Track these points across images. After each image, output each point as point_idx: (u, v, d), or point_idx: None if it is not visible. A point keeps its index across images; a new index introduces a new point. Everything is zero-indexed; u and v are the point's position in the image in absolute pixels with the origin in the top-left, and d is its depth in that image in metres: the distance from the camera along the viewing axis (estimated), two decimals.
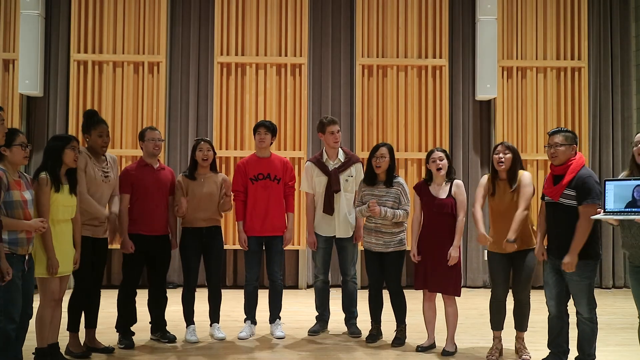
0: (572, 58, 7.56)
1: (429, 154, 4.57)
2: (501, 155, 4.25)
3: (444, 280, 4.41)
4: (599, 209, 3.60)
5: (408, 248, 4.71)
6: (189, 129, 7.53)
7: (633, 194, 3.41)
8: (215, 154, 4.91)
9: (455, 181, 4.54)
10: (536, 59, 7.56)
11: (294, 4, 7.43)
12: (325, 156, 5.05)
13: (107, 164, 4.41)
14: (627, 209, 3.42)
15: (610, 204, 3.50)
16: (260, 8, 7.43)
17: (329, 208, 4.93)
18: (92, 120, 4.39)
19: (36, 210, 3.70)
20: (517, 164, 4.27)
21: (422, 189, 4.59)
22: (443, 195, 4.48)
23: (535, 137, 7.47)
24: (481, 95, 7.44)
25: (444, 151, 4.56)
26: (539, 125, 7.49)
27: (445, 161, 4.49)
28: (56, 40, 7.49)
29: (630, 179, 3.49)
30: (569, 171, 3.83)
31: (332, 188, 4.93)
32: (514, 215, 4.16)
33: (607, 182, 3.54)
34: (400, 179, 4.81)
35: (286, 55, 7.40)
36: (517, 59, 7.55)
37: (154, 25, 7.40)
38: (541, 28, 7.58)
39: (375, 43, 7.49)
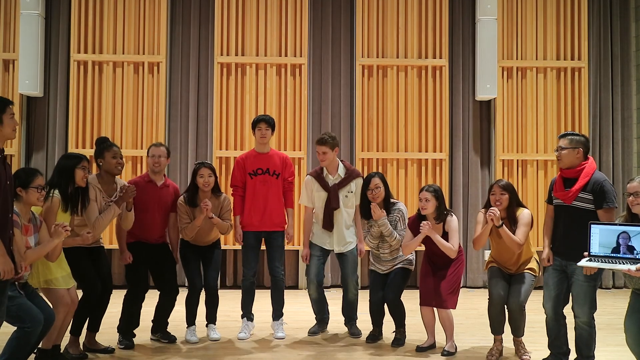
0: (572, 58, 7.56)
1: (421, 190, 4.57)
2: (498, 196, 4.26)
3: (439, 295, 4.42)
4: (585, 253, 3.61)
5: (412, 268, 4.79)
6: (189, 129, 7.53)
7: (618, 240, 3.42)
8: (217, 178, 4.83)
9: (448, 217, 4.52)
10: (536, 59, 7.55)
11: (294, 4, 7.43)
12: (325, 171, 5.01)
13: (116, 195, 4.40)
14: (612, 254, 3.44)
15: (595, 248, 3.52)
16: (260, 8, 7.43)
17: (328, 224, 4.91)
18: (105, 144, 4.42)
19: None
20: (514, 203, 4.29)
21: (414, 225, 4.58)
22: (438, 234, 4.51)
23: (535, 138, 7.47)
24: (481, 95, 7.43)
25: (433, 191, 4.51)
26: (539, 125, 7.49)
27: (431, 203, 4.47)
28: (56, 40, 7.49)
29: (615, 224, 3.52)
30: (582, 175, 3.84)
31: (331, 205, 4.90)
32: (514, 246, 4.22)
33: (592, 226, 3.56)
34: (400, 205, 4.81)
35: (286, 55, 7.40)
36: (517, 59, 7.55)
37: (154, 25, 7.40)
38: (541, 28, 7.57)
39: (375, 43, 7.49)
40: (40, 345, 3.85)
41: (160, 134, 7.24)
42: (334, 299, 5.44)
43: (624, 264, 3.37)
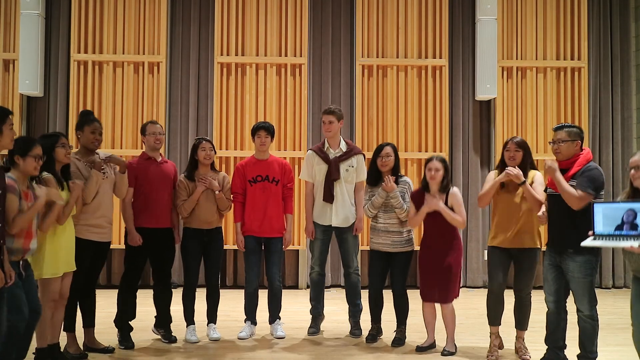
0: (572, 58, 7.56)
1: (428, 160, 4.55)
2: (512, 153, 4.27)
3: (442, 290, 4.42)
4: (590, 232, 3.59)
5: (416, 248, 4.72)
6: (189, 129, 7.53)
7: (622, 218, 3.40)
8: (215, 153, 4.93)
9: (451, 190, 4.50)
10: (536, 59, 7.56)
11: (294, 4, 7.43)
12: (326, 145, 5.06)
13: (103, 168, 4.38)
14: (616, 232, 3.42)
15: (599, 227, 3.49)
16: (260, 8, 7.43)
17: (328, 196, 4.94)
18: (87, 117, 4.41)
19: (40, 213, 3.69)
20: (527, 160, 4.29)
21: (418, 198, 4.57)
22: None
23: (535, 137, 7.47)
24: (481, 95, 7.44)
25: (442, 161, 4.51)
26: (538, 125, 7.50)
27: (440, 172, 4.46)
28: (56, 40, 7.49)
29: (620, 202, 3.48)
30: (575, 164, 3.84)
31: (332, 176, 4.93)
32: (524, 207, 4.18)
33: (595, 205, 3.52)
34: (407, 178, 4.84)
35: (286, 55, 7.40)
36: (517, 59, 7.55)
37: (154, 25, 7.40)
38: (541, 28, 7.58)
39: (375, 43, 7.49)
40: (37, 345, 3.85)
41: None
42: (334, 299, 5.44)
43: (627, 240, 3.35)
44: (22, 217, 3.42)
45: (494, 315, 4.36)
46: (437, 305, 4.58)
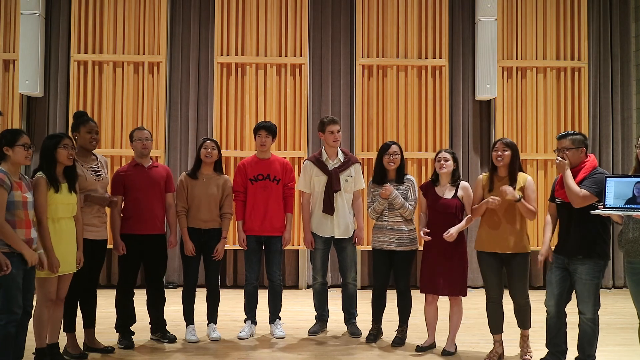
0: (572, 58, 7.56)
1: (437, 153, 4.60)
2: (500, 152, 4.28)
3: (450, 282, 4.42)
4: (599, 205, 3.61)
5: (420, 248, 4.71)
6: (189, 129, 7.53)
7: (633, 191, 3.42)
8: (220, 154, 4.93)
9: (462, 183, 4.56)
10: (536, 59, 7.56)
11: (294, 4, 7.43)
12: (324, 155, 5.05)
13: (97, 163, 4.42)
14: (626, 206, 3.44)
15: (610, 200, 3.52)
16: (260, 8, 7.43)
17: (329, 208, 4.93)
18: (82, 118, 4.42)
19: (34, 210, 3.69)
20: (516, 161, 4.29)
21: (428, 189, 4.61)
22: (448, 196, 4.51)
23: (535, 137, 7.48)
24: (481, 95, 7.44)
25: (451, 153, 4.57)
26: (538, 125, 7.50)
27: (450, 162, 4.51)
28: (56, 40, 7.49)
29: (630, 176, 3.50)
30: (582, 171, 3.85)
31: (333, 188, 4.93)
32: (517, 215, 4.21)
33: (607, 179, 3.58)
34: (411, 177, 4.84)
35: (286, 55, 7.40)
36: (517, 59, 7.55)
37: (154, 25, 7.40)
38: (541, 28, 7.58)
39: (375, 43, 7.49)
40: (36, 345, 3.85)
41: (160, 134, 7.25)
42: (334, 299, 5.45)
43: (636, 211, 3.38)
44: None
45: (496, 325, 4.36)
46: (439, 306, 4.59)
